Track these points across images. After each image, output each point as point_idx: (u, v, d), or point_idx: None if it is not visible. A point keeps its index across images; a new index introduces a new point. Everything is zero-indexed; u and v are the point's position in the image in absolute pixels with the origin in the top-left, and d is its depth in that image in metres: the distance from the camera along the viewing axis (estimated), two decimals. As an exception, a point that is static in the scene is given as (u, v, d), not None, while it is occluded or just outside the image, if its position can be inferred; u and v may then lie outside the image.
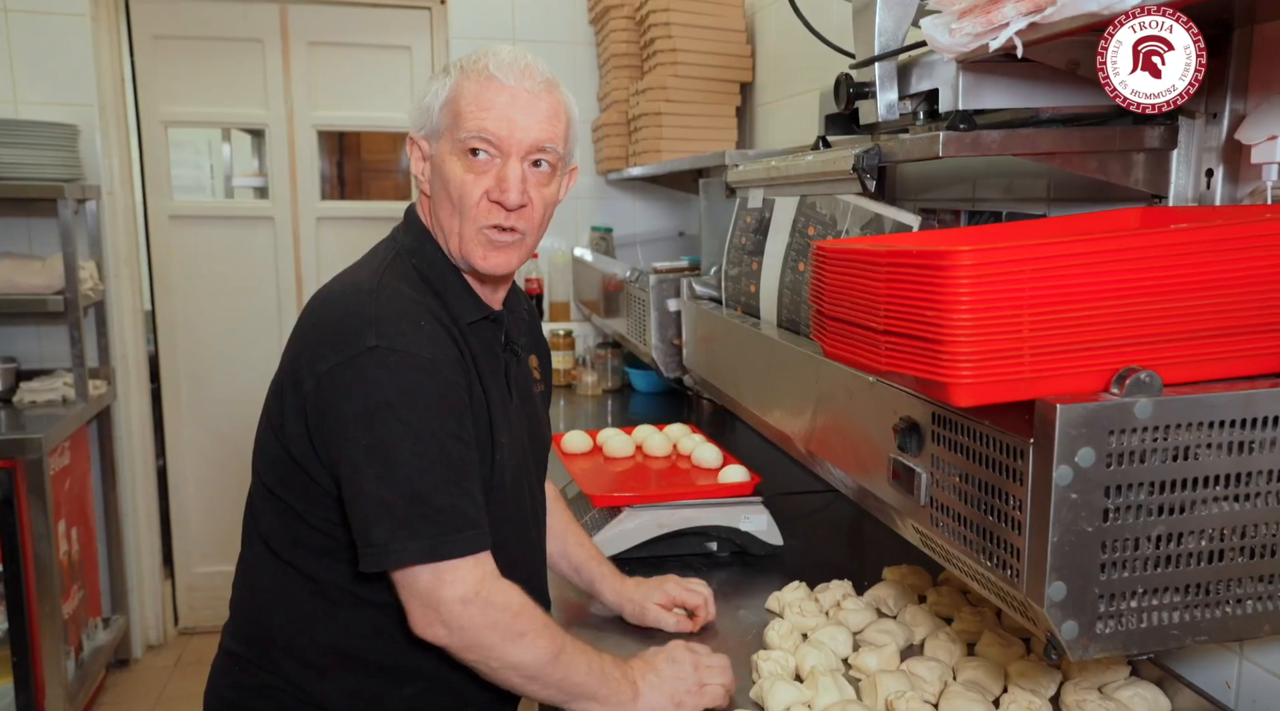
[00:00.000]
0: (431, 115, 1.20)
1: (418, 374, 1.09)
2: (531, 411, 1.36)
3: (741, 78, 2.69)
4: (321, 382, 1.10)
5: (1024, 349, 0.79)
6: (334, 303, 1.16)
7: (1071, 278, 0.78)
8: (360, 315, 1.11)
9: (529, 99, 1.18)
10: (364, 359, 1.07)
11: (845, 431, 1.21)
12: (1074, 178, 1.34)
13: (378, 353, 1.08)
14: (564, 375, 3.14)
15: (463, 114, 1.17)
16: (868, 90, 1.21)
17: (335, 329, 1.12)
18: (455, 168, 1.18)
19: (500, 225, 1.18)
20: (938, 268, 0.78)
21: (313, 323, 1.16)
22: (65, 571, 2.67)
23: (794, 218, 1.51)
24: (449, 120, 1.18)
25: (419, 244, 1.24)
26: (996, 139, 1.06)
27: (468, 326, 1.21)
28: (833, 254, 0.94)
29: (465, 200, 1.18)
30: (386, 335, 1.09)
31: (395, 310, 1.12)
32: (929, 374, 0.80)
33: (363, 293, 1.14)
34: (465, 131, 1.16)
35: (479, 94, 1.17)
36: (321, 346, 1.11)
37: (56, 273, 2.68)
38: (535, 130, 1.18)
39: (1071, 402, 0.78)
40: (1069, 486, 0.79)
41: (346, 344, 1.09)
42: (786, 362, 1.40)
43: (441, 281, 1.22)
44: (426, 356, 1.10)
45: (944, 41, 0.98)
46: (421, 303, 1.16)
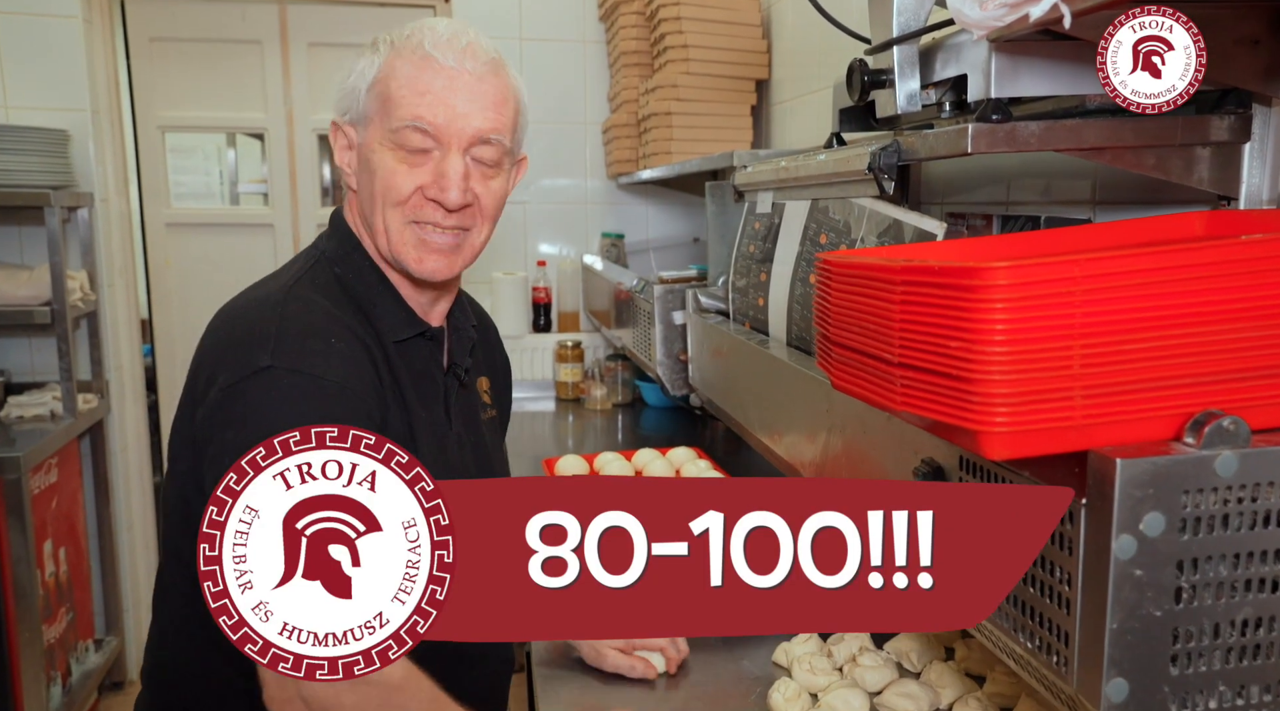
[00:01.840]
0: (358, 98, 1.05)
1: (318, 400, 0.93)
2: (478, 441, 1.21)
3: (757, 74, 2.54)
4: (209, 408, 0.95)
5: (1074, 388, 0.63)
6: (234, 318, 1.02)
7: (1133, 300, 0.63)
8: (258, 332, 0.96)
9: (471, 81, 1.03)
10: (254, 381, 0.93)
11: (860, 470, 1.06)
12: (1123, 177, 1.18)
13: (270, 374, 0.93)
14: (572, 389, 3.00)
15: (394, 99, 1.02)
16: (885, 78, 1.05)
17: (230, 348, 0.97)
18: (386, 159, 1.03)
19: (438, 224, 1.05)
20: (966, 288, 0.62)
21: (210, 342, 1.02)
22: (52, 593, 2.57)
23: (805, 224, 1.36)
24: (378, 105, 1.03)
25: (344, 250, 1.10)
26: (1036, 132, 0.90)
27: (396, 345, 1.07)
28: (839, 268, 0.79)
29: (395, 195, 1.03)
30: (284, 354, 0.94)
31: (300, 325, 0.97)
32: (955, 418, 0.65)
33: (266, 306, 1.00)
34: (398, 120, 1.01)
35: (414, 76, 1.01)
36: (215, 368, 0.97)
37: (44, 283, 2.58)
38: (479, 118, 1.03)
39: (1135, 455, 0.63)
40: (1132, 560, 0.63)
41: (239, 364, 0.94)
42: (795, 387, 1.25)
43: (368, 293, 1.07)
44: (332, 380, 0.95)
45: (973, 16, 0.82)
46: (336, 316, 1.01)
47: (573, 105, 3.13)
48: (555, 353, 3.04)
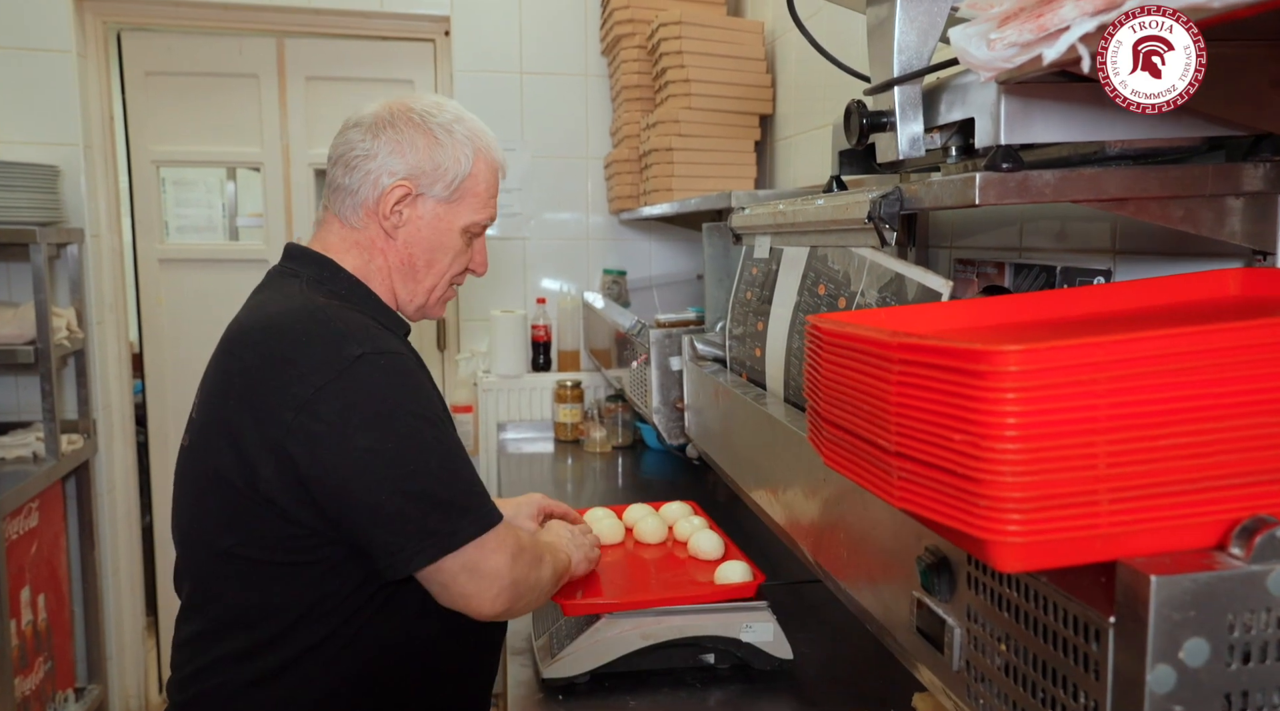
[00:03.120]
0: (445, 179, 1.24)
1: (409, 372, 1.12)
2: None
3: (761, 109, 2.47)
4: (310, 408, 1.05)
5: (1099, 491, 0.54)
6: (283, 329, 1.11)
7: (1168, 388, 0.54)
8: (327, 332, 1.09)
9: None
10: (356, 368, 1.07)
11: (858, 548, 0.96)
12: (1146, 225, 1.09)
13: (367, 359, 1.07)
14: (571, 430, 2.91)
15: (481, 197, 1.28)
16: (886, 121, 0.97)
17: (303, 352, 1.08)
18: (457, 241, 1.28)
19: (459, 285, 1.36)
20: (972, 373, 0.54)
21: (261, 356, 1.10)
22: (29, 642, 2.48)
23: (803, 272, 1.27)
24: (466, 196, 1.26)
25: (328, 272, 1.23)
26: (1050, 182, 0.81)
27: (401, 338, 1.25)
28: (829, 337, 0.70)
29: (457, 269, 1.31)
30: (367, 341, 1.09)
31: (355, 320, 1.12)
32: (961, 523, 0.56)
33: (309, 313, 1.12)
34: (486, 217, 1.30)
35: (494, 183, 1.30)
36: (289, 373, 1.07)
37: (29, 321, 2.52)
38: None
39: (1173, 570, 0.53)
40: (1171, 695, 0.53)
41: (329, 361, 1.07)
42: (790, 450, 1.15)
43: (365, 303, 1.23)
44: (404, 354, 1.14)
45: (980, 56, 0.74)
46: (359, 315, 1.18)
47: (574, 139, 3.07)
48: (554, 392, 2.96)
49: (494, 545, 1.11)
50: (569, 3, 3.02)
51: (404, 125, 1.22)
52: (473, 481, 1.13)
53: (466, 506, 1.10)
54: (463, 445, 1.17)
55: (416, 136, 1.22)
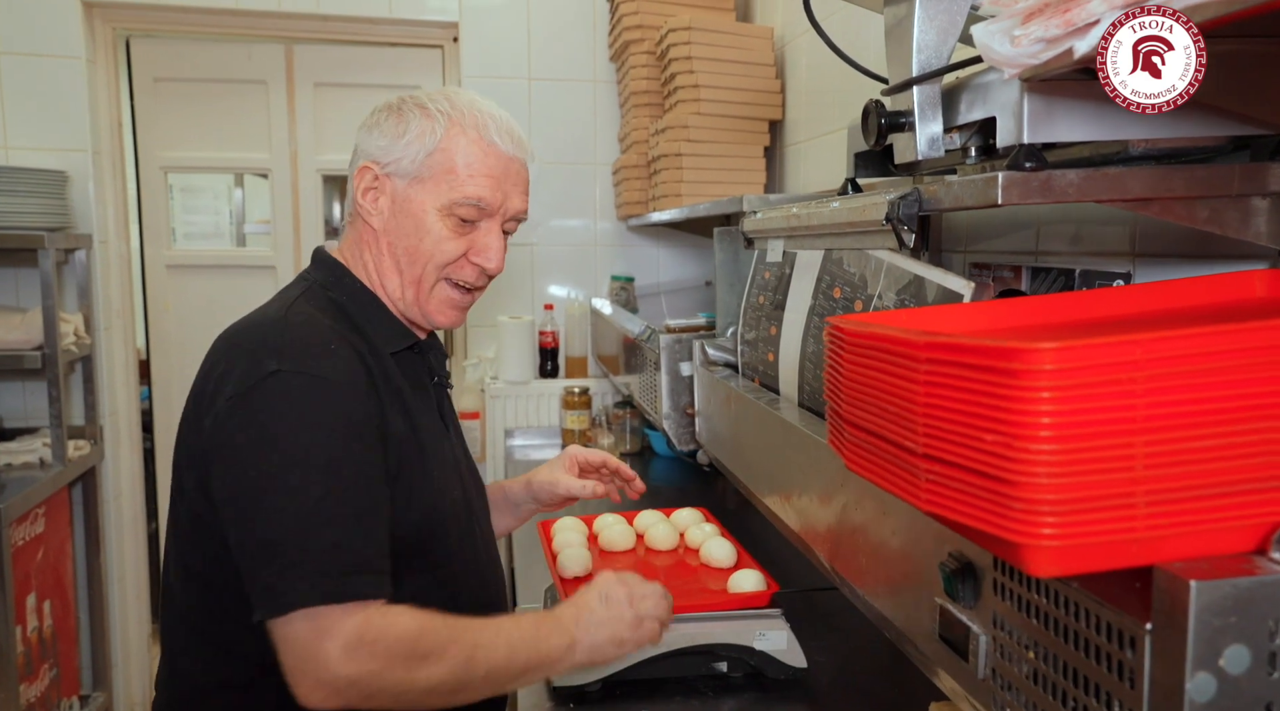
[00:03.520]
0: (412, 157, 1.14)
1: (322, 397, 1.00)
2: (464, 444, 1.32)
3: (770, 115, 2.46)
4: (219, 418, 1.00)
5: (1136, 493, 0.52)
6: (237, 337, 1.07)
7: (1207, 387, 0.52)
8: (264, 342, 1.03)
9: (518, 168, 1.18)
10: (264, 386, 0.99)
11: (877, 554, 0.95)
12: (1166, 226, 1.08)
13: (279, 377, 0.99)
14: (579, 436, 2.89)
15: (458, 173, 1.14)
16: (904, 121, 0.96)
17: (236, 361, 1.03)
18: (436, 224, 1.15)
19: (473, 286, 1.20)
20: (1005, 372, 0.52)
21: (214, 361, 1.06)
22: (34, 649, 2.47)
23: (818, 276, 1.26)
24: (437, 172, 1.14)
25: (335, 278, 1.18)
26: (1074, 182, 0.80)
27: (392, 357, 1.15)
28: (852, 338, 0.68)
29: (444, 257, 1.16)
30: (290, 357, 1.01)
31: (303, 334, 1.05)
32: (993, 527, 0.54)
33: (268, 323, 1.07)
34: (460, 194, 1.13)
35: (479, 158, 1.14)
36: (222, 382, 1.02)
37: (36, 326, 2.52)
38: (519, 200, 1.19)
39: (1213, 575, 0.52)
40: (1212, 703, 0.52)
41: (248, 373, 1.00)
42: (807, 454, 1.14)
43: (362, 311, 1.16)
44: (335, 379, 1.02)
45: (1004, 52, 0.73)
46: (333, 328, 1.09)
47: (582, 146, 3.07)
48: (562, 399, 2.94)
49: (328, 626, 0.92)
50: (577, 9, 3.02)
51: (384, 110, 1.18)
52: (336, 544, 0.95)
53: (310, 568, 0.93)
54: (366, 497, 1.00)
55: (388, 118, 1.16)
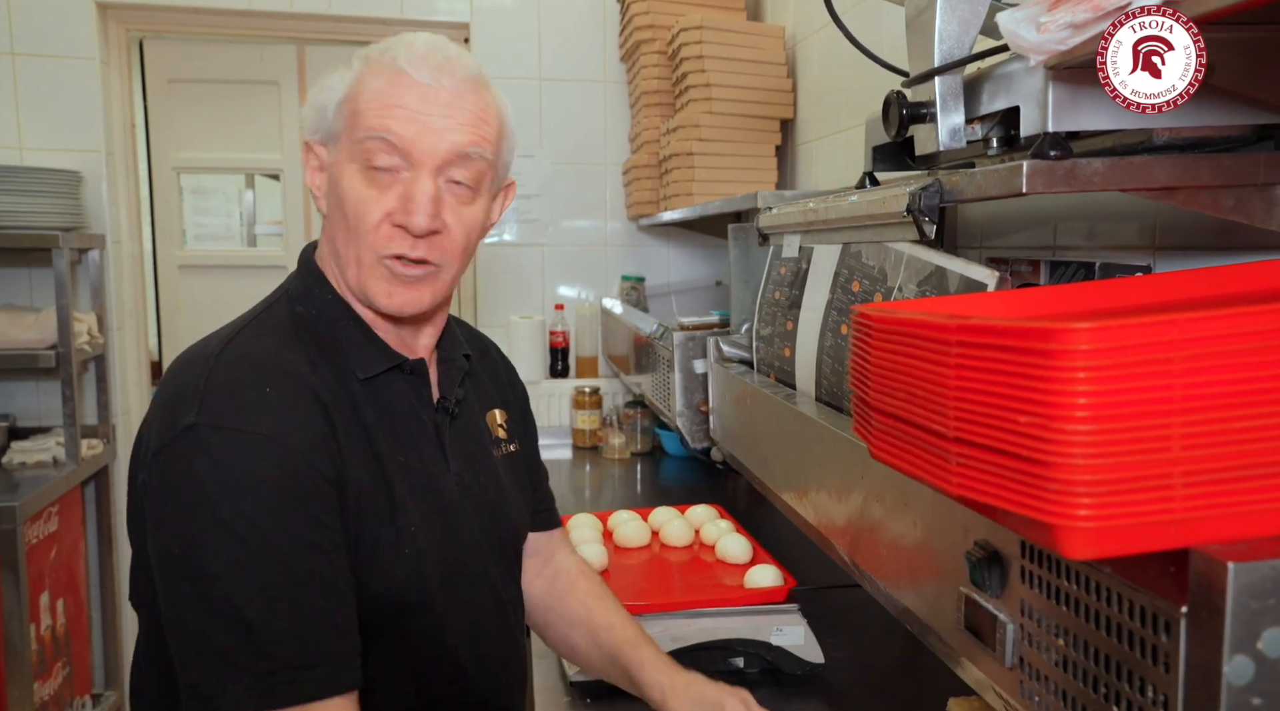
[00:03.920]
0: (326, 115, 0.97)
1: (248, 456, 0.84)
2: (491, 483, 1.10)
3: (782, 114, 2.46)
4: (146, 477, 0.88)
5: (1173, 474, 0.52)
6: (172, 375, 0.93)
7: (1245, 367, 0.52)
8: (186, 389, 0.88)
9: (448, 98, 0.94)
10: (180, 443, 0.84)
11: (900, 545, 0.95)
12: (1186, 219, 1.08)
13: (195, 433, 0.84)
14: (589, 436, 2.90)
15: (363, 113, 0.93)
16: (925, 112, 0.96)
17: (162, 410, 0.89)
18: (353, 181, 0.94)
19: (405, 255, 0.95)
20: (1040, 352, 0.52)
21: (154, 402, 0.93)
22: (47, 647, 2.47)
23: (835, 270, 1.26)
24: (347, 121, 0.95)
25: (307, 286, 1.01)
26: (1099, 170, 0.80)
27: (368, 383, 0.98)
28: (880, 324, 0.68)
29: (362, 222, 0.94)
30: (210, 409, 0.85)
31: (230, 377, 0.88)
32: (1027, 509, 0.54)
33: (199, 360, 0.91)
34: (364, 131, 0.93)
35: (384, 90, 0.93)
36: (150, 433, 0.89)
37: (50, 326, 2.53)
38: (455, 134, 0.94)
39: (1251, 557, 0.51)
40: (1250, 686, 0.52)
41: (168, 427, 0.86)
42: (825, 448, 1.14)
43: (331, 329, 0.98)
44: (263, 433, 0.85)
45: (1031, 39, 0.73)
46: (277, 363, 0.91)
47: (592, 146, 3.07)
48: (572, 399, 2.95)
49: None
50: (588, 9, 3.02)
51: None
52: (274, 636, 0.81)
53: (242, 666, 0.80)
54: (311, 574, 0.84)
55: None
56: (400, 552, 0.93)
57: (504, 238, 3.04)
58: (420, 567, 0.95)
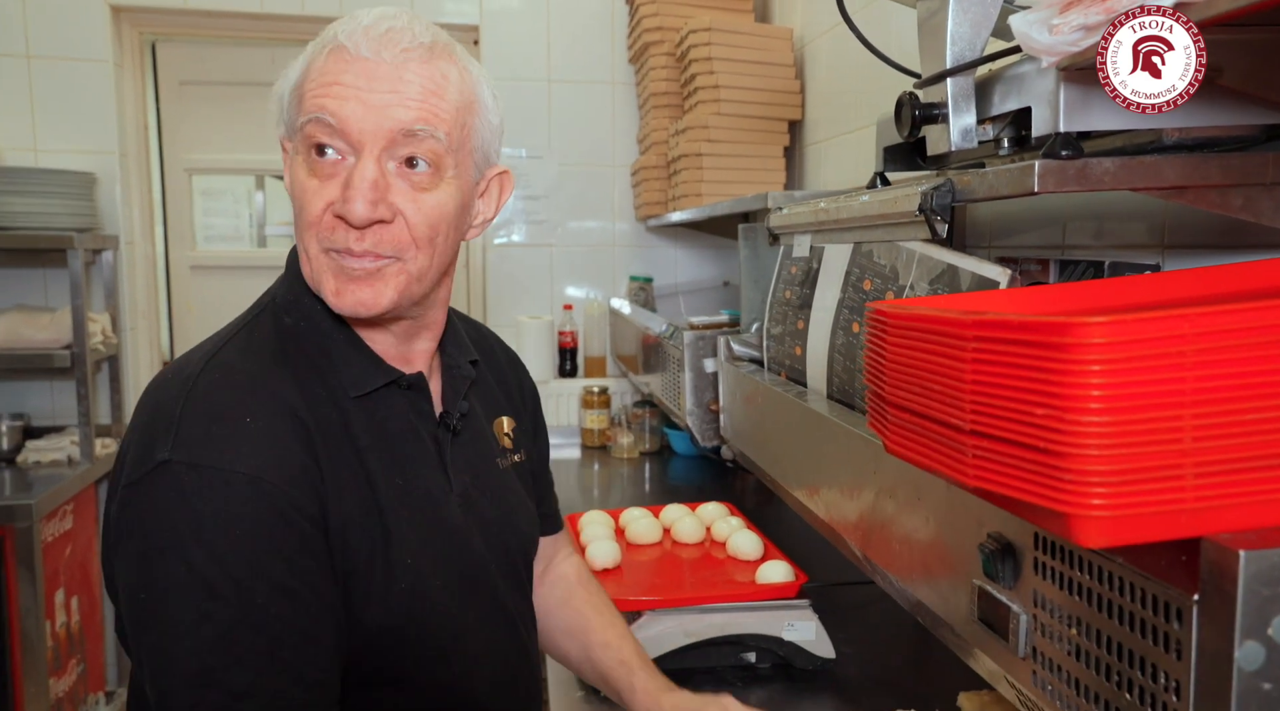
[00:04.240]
0: (283, 105, 0.90)
1: (224, 498, 0.78)
2: (499, 497, 1.05)
3: (790, 115, 2.48)
4: (116, 509, 0.81)
5: (1185, 465, 0.54)
6: (150, 395, 0.87)
7: (1256, 361, 0.53)
8: (161, 417, 0.81)
9: (389, 71, 0.84)
10: (151, 480, 0.78)
11: (912, 539, 0.96)
12: (1195, 219, 1.09)
13: (170, 470, 0.77)
14: (598, 435, 2.91)
15: (304, 96, 0.85)
16: (937, 113, 0.97)
17: (136, 435, 0.83)
18: (298, 171, 0.87)
19: (348, 250, 0.85)
20: (1056, 346, 0.53)
21: (131, 424, 0.87)
22: (62, 644, 2.50)
23: (847, 269, 1.27)
24: (295, 108, 0.87)
25: (294, 295, 0.93)
26: (1110, 170, 0.81)
27: (360, 401, 0.91)
28: (896, 321, 0.70)
29: (304, 214, 0.86)
30: (186, 443, 0.79)
31: (209, 405, 0.82)
32: (1042, 498, 0.55)
33: (179, 380, 0.85)
34: (304, 114, 0.85)
35: (323, 68, 0.85)
36: (124, 459, 0.83)
37: (65, 326, 2.55)
38: (398, 110, 0.84)
39: (1261, 545, 0.53)
40: (1260, 671, 0.53)
41: (141, 459, 0.80)
42: (837, 444, 1.15)
43: (321, 342, 0.91)
44: (242, 470, 0.78)
45: (1043, 41, 0.74)
46: (259, 386, 0.85)
47: (601, 147, 3.09)
48: (581, 398, 2.96)
49: None
50: (596, 12, 3.04)
51: None
52: (244, 690, 0.76)
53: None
54: (283, 622, 0.79)
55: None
56: (395, 586, 0.88)
57: (512, 238, 3.06)
58: (418, 600, 0.90)
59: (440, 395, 1.01)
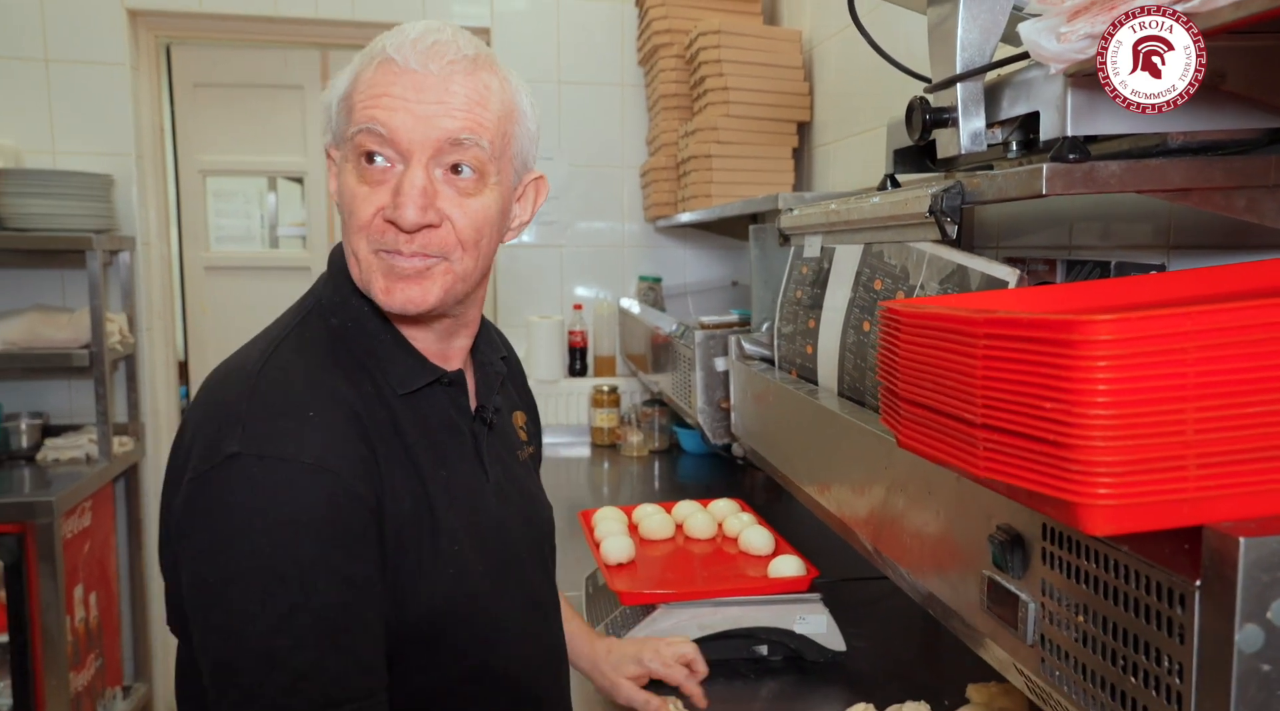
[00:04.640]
0: (331, 114, 0.94)
1: (292, 488, 0.82)
2: (524, 487, 1.10)
3: (799, 117, 2.50)
4: (181, 503, 0.84)
5: (1187, 456, 0.56)
6: (212, 391, 0.90)
7: (1256, 356, 0.56)
8: (229, 412, 0.85)
9: (435, 83, 0.88)
10: (222, 472, 0.81)
11: (923, 533, 0.99)
12: (1199, 220, 1.11)
13: (240, 462, 0.81)
14: (608, 434, 2.94)
15: (354, 107, 0.90)
16: (948, 117, 1.00)
17: (203, 430, 0.86)
18: (349, 177, 0.91)
19: (399, 251, 0.90)
20: (1063, 343, 0.56)
21: (191, 419, 0.90)
22: (81, 639, 2.53)
23: (857, 269, 1.30)
24: (344, 118, 0.92)
25: (341, 296, 0.96)
26: (1116, 173, 0.84)
27: (407, 398, 0.94)
28: (909, 319, 0.72)
29: (355, 218, 0.90)
30: (254, 438, 0.82)
31: (273, 401, 0.86)
32: (1050, 488, 0.58)
33: (240, 378, 0.88)
34: (355, 125, 0.89)
35: (373, 80, 0.89)
36: (190, 453, 0.86)
37: (83, 326, 2.59)
38: (445, 120, 0.88)
39: (1261, 533, 0.55)
40: (1259, 653, 0.55)
41: (209, 452, 0.83)
42: (849, 440, 1.18)
43: (368, 343, 0.95)
44: (308, 461, 0.82)
45: (1051, 49, 0.77)
46: (317, 383, 0.89)
47: (610, 149, 3.12)
48: (591, 397, 2.99)
49: None
50: (606, 14, 3.07)
51: None
52: (305, 671, 0.80)
53: (270, 701, 0.80)
54: (344, 609, 0.83)
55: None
56: (443, 573, 0.92)
57: (523, 239, 3.09)
58: (462, 586, 0.93)
59: (474, 390, 1.05)
